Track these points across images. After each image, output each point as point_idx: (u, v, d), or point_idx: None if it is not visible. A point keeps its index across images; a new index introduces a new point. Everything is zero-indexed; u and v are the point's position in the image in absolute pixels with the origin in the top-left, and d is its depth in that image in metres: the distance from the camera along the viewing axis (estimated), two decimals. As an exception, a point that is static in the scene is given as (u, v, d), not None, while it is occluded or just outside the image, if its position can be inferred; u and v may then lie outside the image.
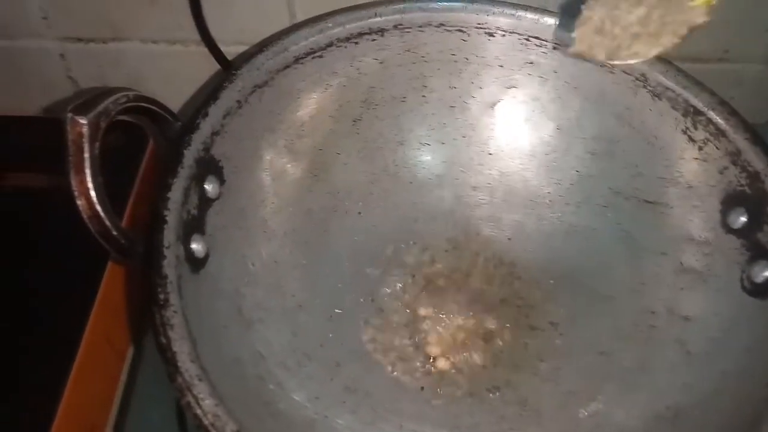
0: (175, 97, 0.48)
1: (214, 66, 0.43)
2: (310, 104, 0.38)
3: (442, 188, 0.41)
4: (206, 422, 0.22)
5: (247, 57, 0.34)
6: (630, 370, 0.33)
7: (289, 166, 0.37)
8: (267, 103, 0.35)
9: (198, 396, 0.23)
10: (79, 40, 0.47)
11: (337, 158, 0.39)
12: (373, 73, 0.39)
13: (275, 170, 0.37)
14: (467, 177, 0.41)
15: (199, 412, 0.22)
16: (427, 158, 0.41)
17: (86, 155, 0.24)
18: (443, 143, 0.41)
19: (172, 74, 0.47)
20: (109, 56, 0.49)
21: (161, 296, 0.25)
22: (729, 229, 0.34)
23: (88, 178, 0.24)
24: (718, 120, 0.34)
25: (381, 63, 0.39)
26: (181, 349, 0.24)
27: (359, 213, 0.40)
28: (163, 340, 0.24)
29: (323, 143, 0.39)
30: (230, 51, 0.43)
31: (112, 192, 0.46)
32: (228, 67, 0.43)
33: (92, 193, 0.24)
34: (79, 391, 0.38)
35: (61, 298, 0.41)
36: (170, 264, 0.26)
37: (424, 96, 0.40)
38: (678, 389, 0.31)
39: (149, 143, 0.46)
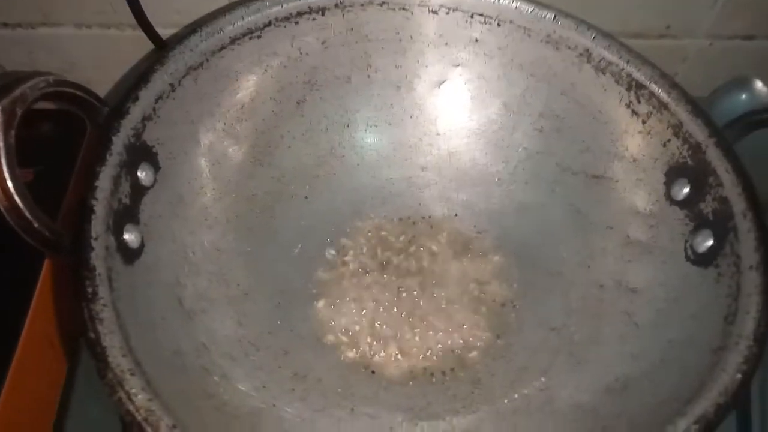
0: (111, 83, 0.46)
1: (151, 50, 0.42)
2: (249, 86, 0.36)
3: (390, 169, 0.40)
4: (139, 418, 0.21)
5: (180, 38, 0.33)
6: (580, 344, 0.33)
7: (229, 150, 0.36)
8: (203, 85, 0.33)
9: (130, 391, 0.22)
10: (6, 25, 0.45)
11: (281, 141, 0.38)
12: (315, 53, 0.38)
13: (215, 155, 0.35)
14: (416, 157, 0.41)
15: (131, 407, 0.21)
16: (374, 139, 0.40)
17: (0, 144, 0.23)
18: (390, 124, 0.40)
19: (108, 59, 0.45)
20: (40, 42, 0.46)
21: (89, 290, 0.23)
22: (673, 201, 0.34)
23: (4, 168, 0.23)
24: (661, 93, 0.34)
25: (323, 43, 0.38)
26: (111, 343, 0.23)
27: (306, 197, 0.39)
28: (92, 335, 0.23)
29: (265, 126, 0.38)
30: (167, 34, 0.42)
31: (50, 183, 0.44)
32: (164, 48, 0.41)
33: (9, 184, 0.23)
34: (17, 397, 0.36)
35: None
36: (99, 256, 0.25)
37: (369, 76, 0.39)
38: (626, 361, 0.31)
39: (87, 133, 0.44)
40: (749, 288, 0.27)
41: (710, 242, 0.31)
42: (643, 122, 0.35)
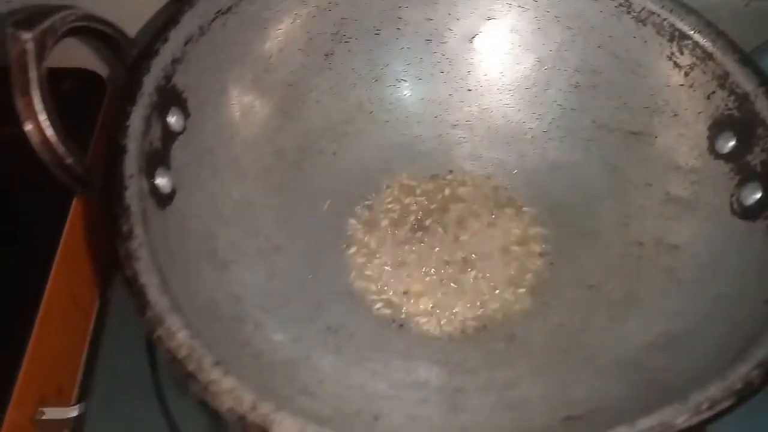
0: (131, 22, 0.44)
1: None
2: (278, 36, 0.35)
3: (420, 126, 0.39)
4: (180, 355, 0.20)
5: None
6: (619, 301, 0.32)
7: (257, 102, 0.35)
8: (231, 31, 0.32)
9: (171, 328, 0.21)
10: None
11: (309, 95, 0.37)
12: (344, 3, 0.37)
13: (243, 106, 0.34)
14: (446, 114, 0.40)
15: (172, 344, 0.20)
16: (403, 95, 0.39)
17: (32, 75, 0.22)
18: (420, 79, 0.39)
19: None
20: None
21: (125, 228, 0.23)
22: (717, 155, 0.33)
23: (36, 100, 0.22)
24: (705, 43, 0.33)
25: (353, -9, 0.36)
26: (149, 281, 0.22)
27: (334, 153, 0.38)
28: (129, 273, 0.22)
29: (293, 79, 0.37)
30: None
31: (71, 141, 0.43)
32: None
33: (41, 117, 0.22)
34: (42, 352, 0.36)
35: (19, 254, 0.39)
36: (133, 195, 0.24)
37: (399, 29, 0.38)
38: (669, 317, 0.30)
39: (107, 89, 0.43)
40: (805, 237, 0.26)
41: (758, 194, 0.30)
42: (686, 74, 0.34)
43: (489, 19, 0.38)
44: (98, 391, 0.32)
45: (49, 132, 0.22)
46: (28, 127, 0.22)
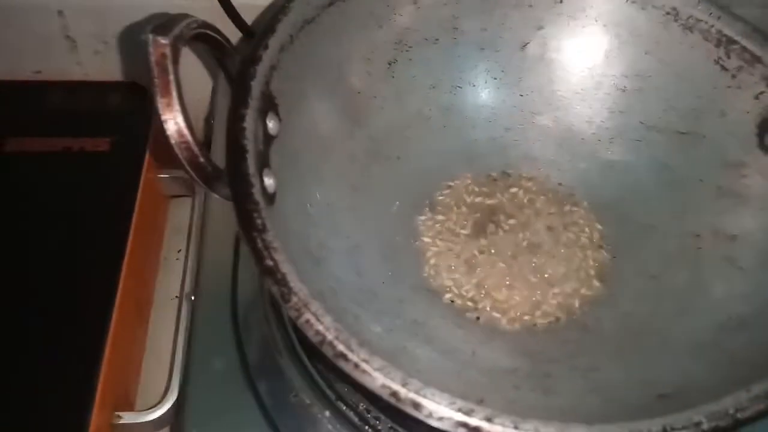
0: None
1: (225, 21, 0.42)
2: (348, 45, 0.37)
3: (475, 130, 0.41)
4: (330, 337, 0.22)
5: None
6: (683, 290, 0.34)
7: (332, 108, 0.36)
8: (312, 41, 0.34)
9: (317, 313, 0.22)
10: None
11: (374, 102, 0.39)
12: (407, 14, 0.38)
13: (319, 113, 0.36)
14: (499, 119, 0.41)
15: (321, 327, 0.22)
16: (458, 101, 0.41)
17: (171, 77, 0.23)
18: (474, 85, 0.41)
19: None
20: (114, 13, 0.47)
21: (258, 221, 0.24)
22: (767, 150, 0.35)
23: (175, 101, 0.23)
24: (753, 47, 0.35)
25: (414, 3, 0.38)
26: (288, 270, 0.23)
27: (398, 157, 0.39)
28: (270, 263, 0.23)
29: (360, 86, 0.38)
30: (241, 4, 0.42)
31: (126, 152, 0.45)
32: (245, 28, 0.42)
33: (180, 117, 0.23)
34: (115, 358, 0.37)
35: (89, 263, 0.39)
36: (258, 192, 0.25)
37: (455, 38, 0.40)
38: (737, 301, 0.32)
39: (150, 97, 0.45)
40: None
41: (810, 185, 0.32)
42: (733, 76, 0.36)
43: (540, 28, 0.40)
44: (191, 391, 0.32)
45: (186, 132, 0.23)
46: (169, 125, 0.23)
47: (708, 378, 0.28)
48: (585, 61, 0.40)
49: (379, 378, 0.21)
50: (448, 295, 0.35)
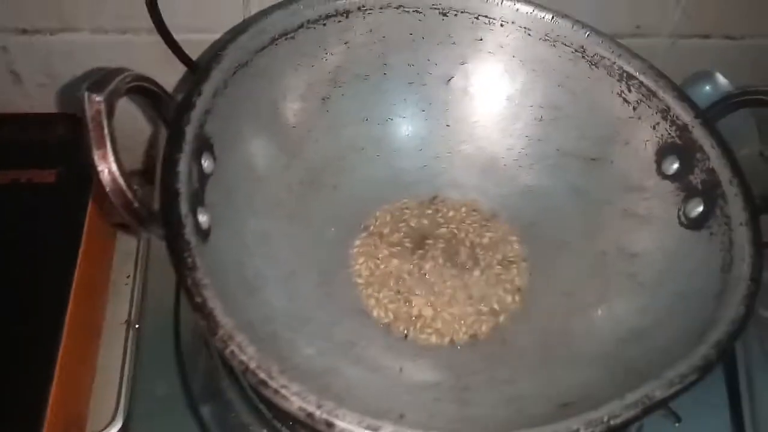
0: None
1: (167, 55, 0.44)
2: (282, 84, 0.40)
3: (406, 160, 0.44)
4: (252, 366, 0.24)
5: (229, 39, 0.35)
6: (592, 305, 0.38)
7: (267, 144, 0.39)
8: (246, 83, 0.36)
9: (240, 344, 0.24)
10: (24, 31, 0.47)
11: (309, 135, 0.41)
12: (338, 53, 0.41)
13: (255, 148, 0.38)
14: (428, 148, 0.45)
15: (244, 357, 0.24)
16: (389, 132, 0.44)
17: (105, 131, 0.25)
18: (404, 117, 0.44)
19: (125, 65, 0.48)
20: (58, 48, 0.48)
21: (189, 260, 0.26)
22: (664, 176, 0.39)
23: (109, 152, 0.25)
24: (649, 82, 0.39)
25: (346, 43, 0.41)
26: (216, 305, 0.25)
27: (334, 186, 0.42)
28: (199, 300, 0.25)
29: (296, 122, 0.41)
30: (183, 39, 0.44)
31: (72, 183, 0.46)
32: (189, 63, 0.44)
33: (114, 167, 0.25)
34: (65, 380, 0.38)
35: (38, 291, 0.41)
36: (190, 232, 0.27)
37: (385, 74, 0.43)
38: (636, 315, 0.35)
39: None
40: (741, 240, 0.32)
41: (700, 208, 0.36)
42: (634, 109, 0.40)
43: (462, 63, 0.44)
44: (136, 415, 0.34)
45: (120, 180, 0.26)
46: (104, 174, 0.25)
47: (605, 387, 0.31)
48: (504, 94, 0.44)
49: (296, 401, 0.24)
50: (378, 316, 0.38)
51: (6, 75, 0.50)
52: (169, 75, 0.47)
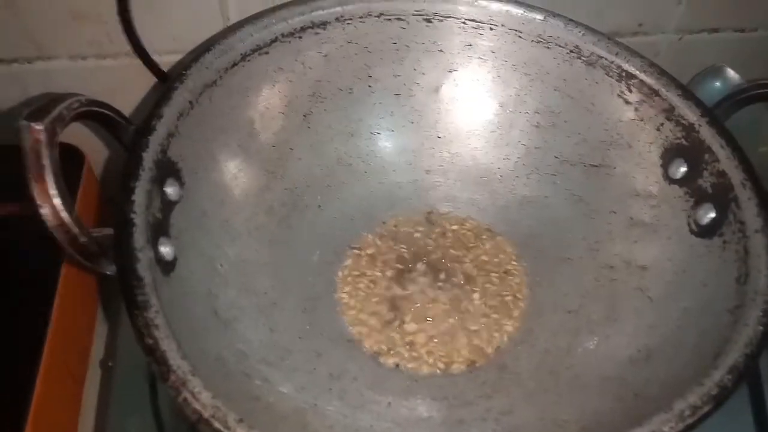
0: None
1: (148, 77, 0.43)
2: (258, 102, 0.38)
3: (396, 174, 0.42)
4: (206, 415, 0.22)
5: (193, 58, 0.34)
6: (598, 323, 0.35)
7: (244, 165, 0.37)
8: (217, 102, 0.34)
9: (194, 391, 0.22)
10: (1, 61, 0.45)
11: (291, 154, 0.39)
12: (318, 67, 0.39)
13: (231, 170, 0.36)
14: (419, 162, 0.42)
15: (197, 405, 0.22)
16: (378, 147, 0.42)
17: (45, 162, 0.23)
18: (392, 131, 0.42)
19: (105, 89, 0.46)
20: (35, 76, 0.47)
21: (140, 298, 0.24)
22: (671, 180, 0.36)
23: (50, 186, 0.23)
24: (650, 81, 0.37)
25: (325, 56, 0.39)
26: (169, 347, 0.23)
27: (319, 206, 0.40)
28: (150, 341, 0.23)
29: (276, 140, 0.39)
30: (164, 60, 0.43)
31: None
32: (164, 78, 0.42)
33: (56, 201, 0.23)
34: (41, 425, 0.36)
35: (15, 328, 0.39)
36: (144, 266, 0.25)
37: (369, 86, 0.41)
38: (645, 332, 0.32)
39: (85, 162, 0.45)
40: (758, 249, 0.29)
41: (712, 214, 0.33)
42: (636, 109, 0.37)
43: (451, 71, 0.41)
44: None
45: (64, 214, 0.24)
46: (44, 210, 0.23)
47: (612, 415, 0.28)
48: (498, 100, 0.41)
49: (255, 452, 0.21)
50: (366, 345, 0.35)
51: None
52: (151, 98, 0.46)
